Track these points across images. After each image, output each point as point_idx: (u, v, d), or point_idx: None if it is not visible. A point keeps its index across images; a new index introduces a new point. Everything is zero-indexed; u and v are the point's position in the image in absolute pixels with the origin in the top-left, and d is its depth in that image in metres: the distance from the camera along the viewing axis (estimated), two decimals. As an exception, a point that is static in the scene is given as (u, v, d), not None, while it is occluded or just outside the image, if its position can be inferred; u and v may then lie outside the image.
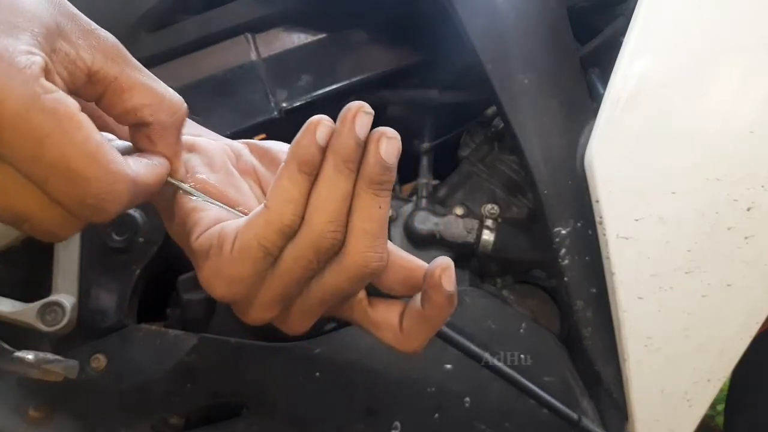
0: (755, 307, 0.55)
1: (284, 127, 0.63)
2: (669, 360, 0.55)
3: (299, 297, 0.31)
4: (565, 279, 0.58)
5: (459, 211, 0.63)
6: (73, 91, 0.26)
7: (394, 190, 0.67)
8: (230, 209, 0.32)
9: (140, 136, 0.29)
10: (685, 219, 0.54)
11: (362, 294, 0.34)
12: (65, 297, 0.58)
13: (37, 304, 0.57)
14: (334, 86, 0.64)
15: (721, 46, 0.54)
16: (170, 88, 0.29)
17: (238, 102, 0.61)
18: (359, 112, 0.28)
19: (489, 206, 0.63)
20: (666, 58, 0.54)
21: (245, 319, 0.32)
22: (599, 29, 0.64)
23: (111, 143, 0.26)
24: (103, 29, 0.27)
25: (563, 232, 0.57)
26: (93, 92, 0.27)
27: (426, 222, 0.61)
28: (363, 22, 0.65)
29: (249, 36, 0.63)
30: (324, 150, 0.28)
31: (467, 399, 0.55)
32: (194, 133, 0.37)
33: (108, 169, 0.25)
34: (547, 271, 0.64)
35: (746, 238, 0.54)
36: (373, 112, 0.28)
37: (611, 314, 0.56)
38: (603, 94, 0.56)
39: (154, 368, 0.57)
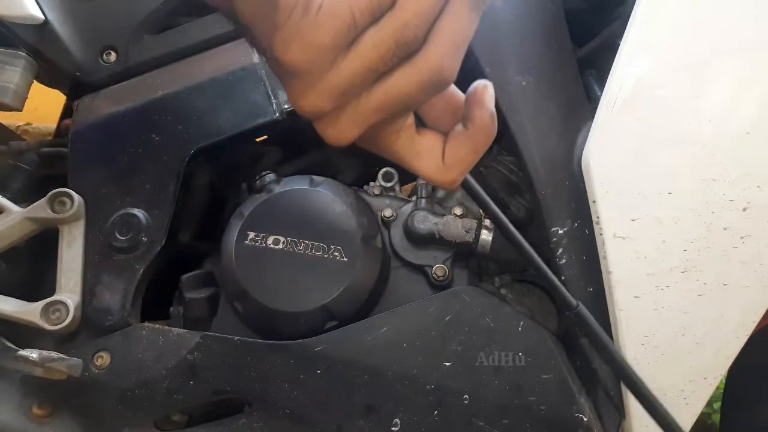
0: (751, 305, 0.55)
1: (286, 129, 0.63)
2: (665, 358, 0.56)
3: (357, 99, 0.30)
4: (563, 278, 0.58)
5: (458, 210, 0.63)
6: None
7: (393, 190, 0.67)
8: None
9: None
10: (682, 219, 0.54)
11: (411, 119, 0.34)
12: (69, 296, 0.59)
13: (41, 303, 0.58)
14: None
15: (717, 49, 0.54)
16: None
17: (240, 104, 0.61)
18: None
19: (488, 206, 0.64)
20: (662, 60, 0.55)
21: (301, 102, 0.30)
22: (596, 32, 0.64)
23: None
24: None
25: (560, 231, 0.58)
26: None
27: (425, 222, 0.62)
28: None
29: (251, 38, 0.64)
30: None
31: (466, 396, 0.56)
32: None
33: None
34: (545, 271, 0.64)
35: (742, 237, 0.54)
36: None
37: (608, 313, 0.56)
38: (600, 96, 0.56)
39: (157, 366, 0.58)
